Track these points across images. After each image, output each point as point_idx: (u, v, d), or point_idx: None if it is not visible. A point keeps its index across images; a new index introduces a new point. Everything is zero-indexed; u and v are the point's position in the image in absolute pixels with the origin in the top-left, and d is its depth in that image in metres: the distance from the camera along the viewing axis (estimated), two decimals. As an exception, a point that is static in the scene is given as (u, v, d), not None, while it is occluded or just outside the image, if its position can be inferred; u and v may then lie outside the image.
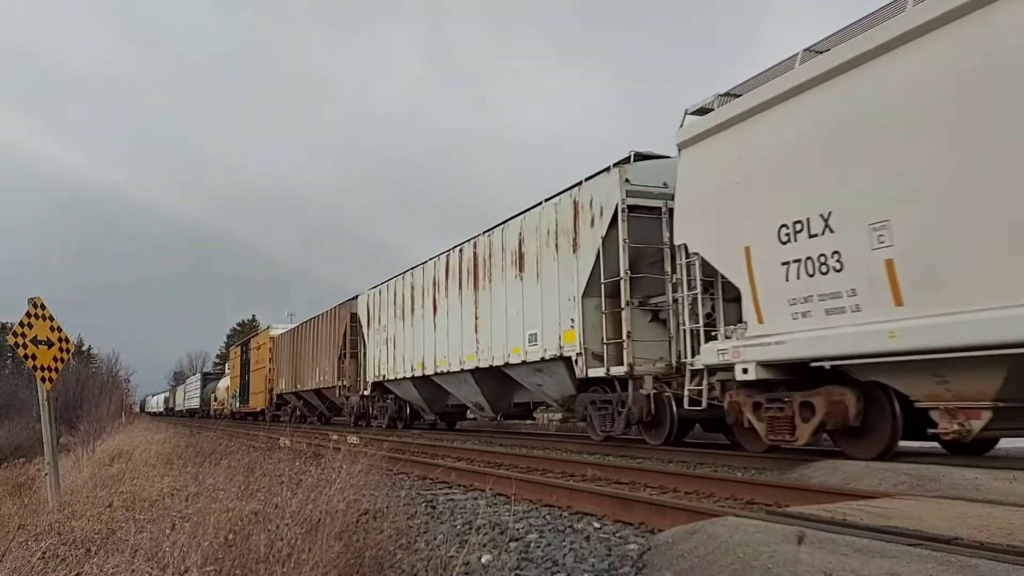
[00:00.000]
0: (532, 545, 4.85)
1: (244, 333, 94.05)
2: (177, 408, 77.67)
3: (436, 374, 17.73)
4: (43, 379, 7.85)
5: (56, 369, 8.02)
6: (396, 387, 20.81)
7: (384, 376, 21.09)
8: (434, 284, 18.03)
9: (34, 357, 7.79)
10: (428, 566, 4.43)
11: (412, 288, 19.50)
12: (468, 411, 19.65)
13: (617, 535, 5.00)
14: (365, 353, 23.13)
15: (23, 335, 7.76)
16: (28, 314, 7.86)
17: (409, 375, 19.18)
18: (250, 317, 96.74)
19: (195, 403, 65.29)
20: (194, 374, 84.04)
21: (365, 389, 22.98)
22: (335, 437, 13.05)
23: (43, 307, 7.97)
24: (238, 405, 44.80)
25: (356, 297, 24.97)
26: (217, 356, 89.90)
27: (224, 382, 53.77)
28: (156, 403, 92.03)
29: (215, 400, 55.04)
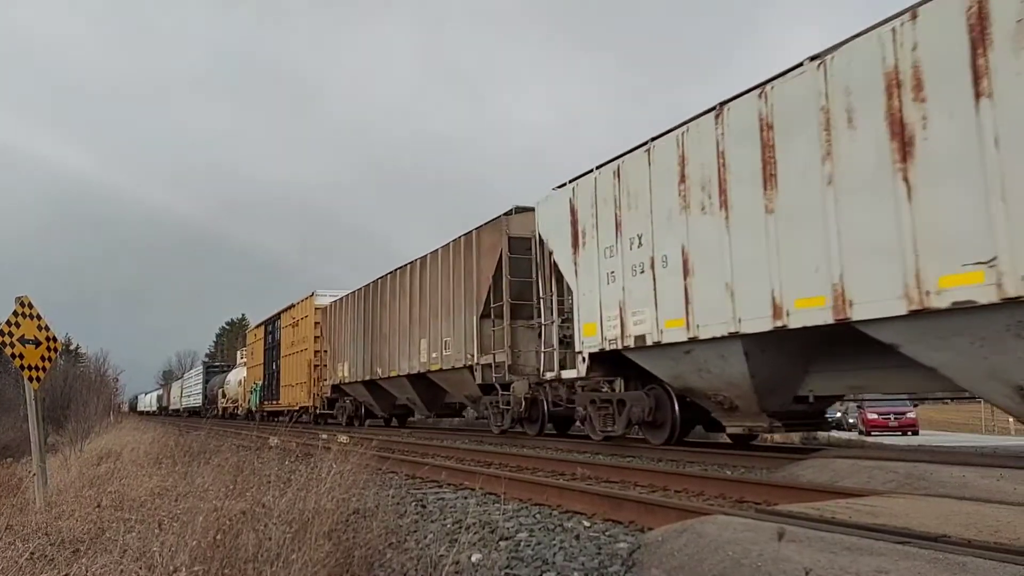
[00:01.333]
0: (522, 544, 4.86)
1: (234, 332, 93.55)
2: (172, 407, 68.49)
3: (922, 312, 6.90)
4: (31, 378, 7.80)
5: (44, 368, 7.97)
6: (673, 361, 10.26)
7: (632, 338, 10.68)
8: (888, 87, 7.22)
9: (21, 356, 7.74)
10: (418, 565, 4.43)
11: (768, 127, 8.60)
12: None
13: (607, 534, 5.01)
14: (572, 300, 12.32)
15: (10, 334, 7.71)
16: (15, 313, 7.81)
17: (767, 326, 8.56)
18: (240, 316, 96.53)
19: (196, 401, 55.82)
20: (193, 367, 75.68)
21: (565, 366, 12.66)
22: (324, 436, 13.01)
23: (30, 306, 7.92)
24: (260, 402, 34.92)
25: (512, 213, 14.83)
26: (206, 355, 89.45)
27: (237, 374, 44.12)
28: (149, 402, 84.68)
29: (223, 397, 45.68)
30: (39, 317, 7.97)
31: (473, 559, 4.49)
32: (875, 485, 6.16)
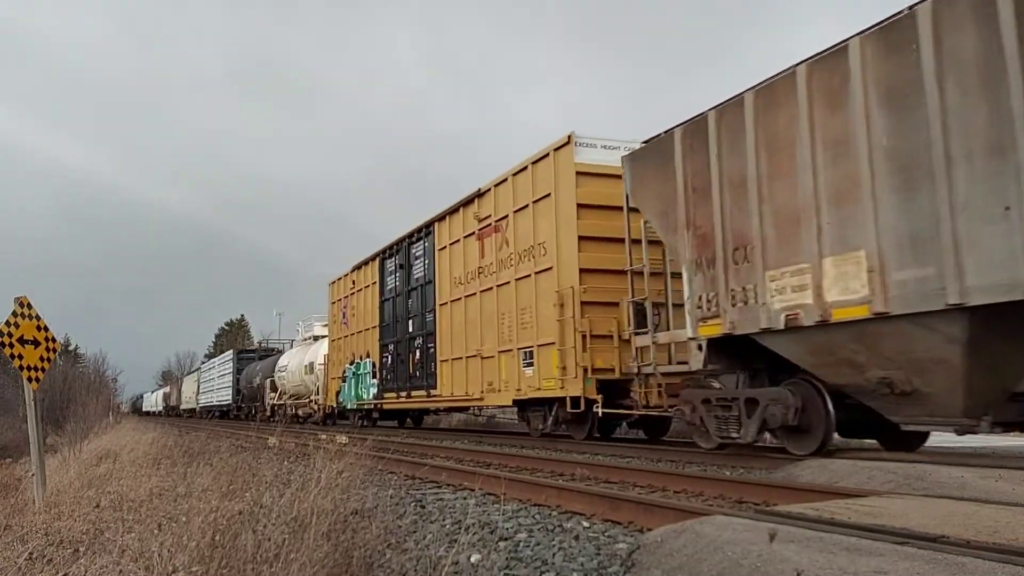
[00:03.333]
0: (521, 544, 4.85)
1: (232, 333, 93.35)
2: (184, 407, 56.84)
3: None
4: (30, 379, 7.81)
5: (43, 369, 7.98)
6: None
7: None
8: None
9: (20, 357, 7.74)
10: (417, 565, 4.43)
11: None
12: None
13: (606, 534, 5.00)
14: None
15: (9, 335, 7.71)
16: (14, 313, 7.82)
17: None
18: (239, 316, 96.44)
19: (222, 398, 43.55)
20: (193, 367, 68.34)
21: None
22: (323, 436, 13.01)
23: (29, 306, 7.93)
24: (372, 395, 20.53)
25: None
26: (205, 356, 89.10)
27: (299, 356, 30.27)
28: (154, 401, 76.59)
29: (273, 391, 32.19)
30: (38, 317, 7.97)
31: (472, 559, 4.49)
32: (874, 485, 6.16)
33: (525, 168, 13.58)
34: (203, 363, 66.48)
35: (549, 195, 12.77)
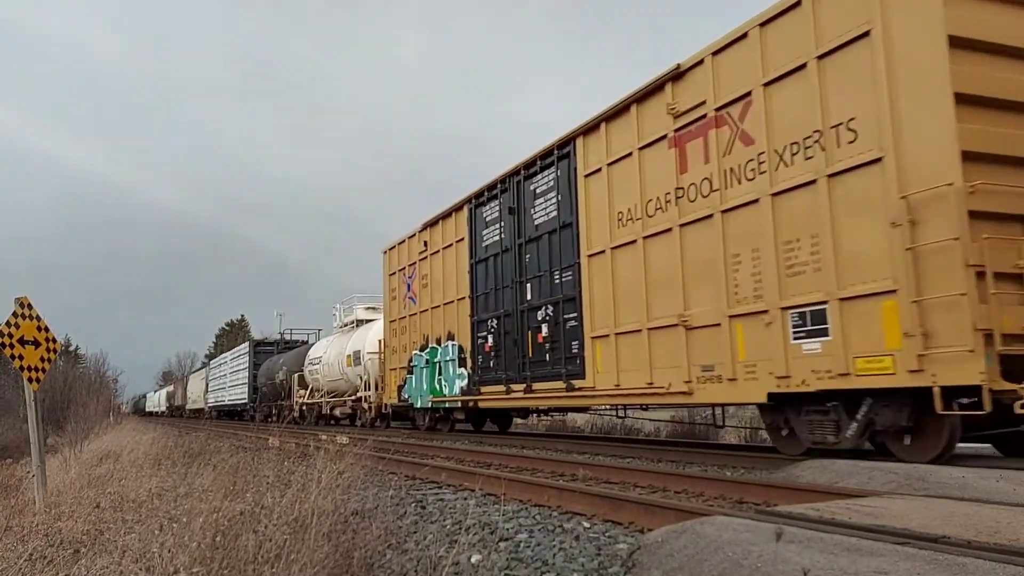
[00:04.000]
0: (522, 545, 4.86)
1: (233, 333, 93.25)
2: (191, 407, 52.94)
3: None
4: (30, 379, 7.81)
5: (43, 369, 7.98)
6: None
7: None
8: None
9: (21, 357, 7.75)
10: (418, 566, 4.43)
11: None
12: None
13: (607, 534, 5.00)
14: None
15: (10, 335, 7.72)
16: (15, 314, 7.82)
17: None
18: (239, 316, 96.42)
19: (236, 396, 38.70)
20: (195, 366, 66.80)
21: None
22: (324, 437, 13.01)
23: (30, 307, 7.93)
24: (462, 387, 15.40)
25: None
26: (206, 356, 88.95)
27: (339, 344, 24.70)
28: (157, 401, 73.21)
29: (303, 387, 27.79)
30: (39, 318, 7.98)
31: (473, 560, 4.49)
32: (875, 486, 6.15)
33: (792, 7, 8.11)
34: (205, 362, 64.97)
35: (866, 35, 7.38)
